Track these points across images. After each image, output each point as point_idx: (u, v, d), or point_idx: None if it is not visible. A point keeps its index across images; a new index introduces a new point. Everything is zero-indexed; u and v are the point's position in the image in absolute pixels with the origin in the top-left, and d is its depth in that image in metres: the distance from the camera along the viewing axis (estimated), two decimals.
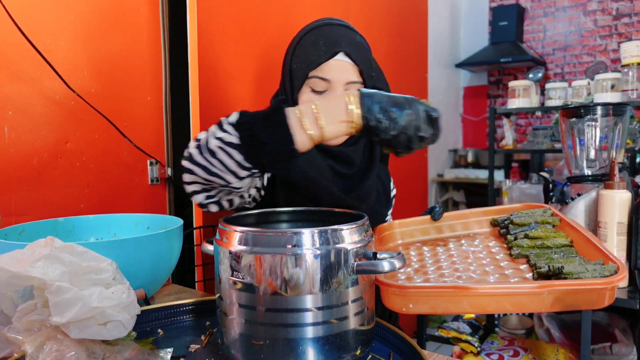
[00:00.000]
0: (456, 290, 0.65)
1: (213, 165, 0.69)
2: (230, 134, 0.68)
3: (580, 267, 0.70)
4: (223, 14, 1.52)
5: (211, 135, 0.70)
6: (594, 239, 0.78)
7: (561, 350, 1.66)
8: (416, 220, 1.02)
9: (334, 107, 0.68)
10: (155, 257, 0.88)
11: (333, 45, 0.94)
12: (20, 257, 0.62)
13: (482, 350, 1.73)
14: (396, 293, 0.68)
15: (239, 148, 0.68)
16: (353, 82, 0.96)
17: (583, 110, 1.47)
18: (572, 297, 0.64)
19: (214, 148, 0.69)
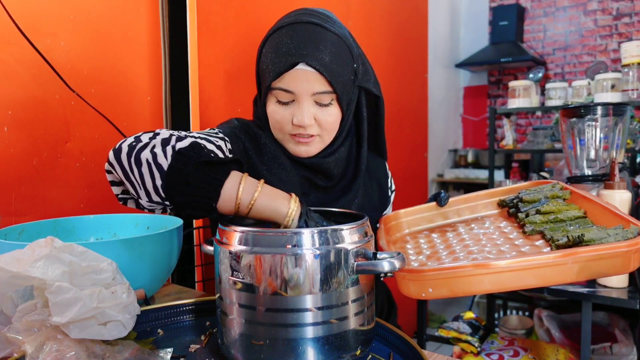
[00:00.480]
0: (476, 268, 0.62)
1: (133, 173, 0.66)
2: (165, 156, 0.64)
3: (601, 233, 0.67)
4: (223, 14, 1.52)
5: (150, 145, 0.66)
6: (610, 206, 0.75)
7: (561, 350, 1.66)
8: (422, 207, 0.99)
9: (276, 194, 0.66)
10: (155, 257, 0.88)
11: (293, 54, 0.84)
12: (20, 257, 0.62)
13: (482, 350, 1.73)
14: (413, 279, 0.65)
15: (163, 173, 0.63)
16: (320, 92, 0.86)
17: (583, 110, 1.47)
18: (597, 264, 0.61)
19: (142, 159, 0.65)
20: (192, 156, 0.64)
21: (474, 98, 4.85)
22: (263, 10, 1.67)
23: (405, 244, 0.92)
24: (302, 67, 0.84)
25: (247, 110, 1.62)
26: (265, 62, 0.89)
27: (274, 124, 0.91)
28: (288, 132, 0.90)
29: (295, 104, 0.87)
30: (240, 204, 0.64)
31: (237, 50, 1.58)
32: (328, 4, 2.03)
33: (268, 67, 0.87)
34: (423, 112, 3.03)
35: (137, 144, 0.67)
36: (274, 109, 0.89)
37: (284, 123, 0.89)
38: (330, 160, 0.94)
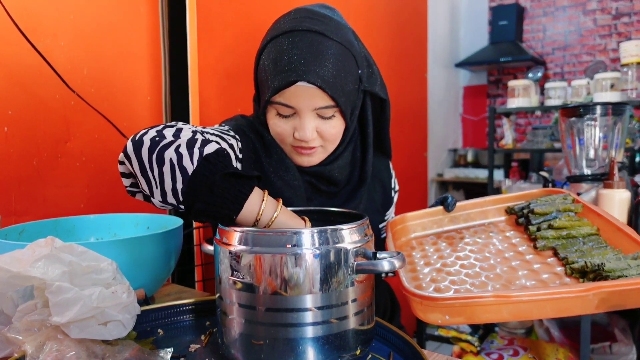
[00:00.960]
0: (496, 299, 0.61)
1: (152, 171, 0.62)
2: (192, 160, 0.61)
3: (621, 263, 0.66)
4: (223, 14, 1.52)
5: (175, 144, 0.63)
6: (623, 226, 0.74)
7: (561, 349, 1.67)
8: (429, 212, 0.96)
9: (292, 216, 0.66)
10: (155, 257, 0.88)
11: (292, 71, 0.80)
12: (21, 257, 0.62)
13: (481, 349, 1.73)
14: (430, 305, 0.63)
15: (186, 177, 0.60)
16: (322, 107, 0.83)
17: (582, 110, 1.47)
18: (618, 297, 0.60)
19: (165, 158, 0.61)
20: (218, 164, 0.62)
21: (474, 98, 4.85)
22: (263, 10, 1.67)
23: (412, 250, 0.90)
24: (302, 84, 0.81)
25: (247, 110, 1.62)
26: (264, 74, 0.85)
27: (275, 135, 0.89)
28: (290, 144, 0.88)
29: (296, 117, 0.85)
30: (260, 221, 0.63)
31: (237, 50, 1.58)
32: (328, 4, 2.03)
33: (267, 80, 0.84)
34: (423, 112, 3.03)
35: (160, 140, 0.63)
36: (275, 122, 0.87)
37: (285, 135, 0.87)
38: (334, 167, 0.92)
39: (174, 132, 0.66)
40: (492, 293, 0.62)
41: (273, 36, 0.86)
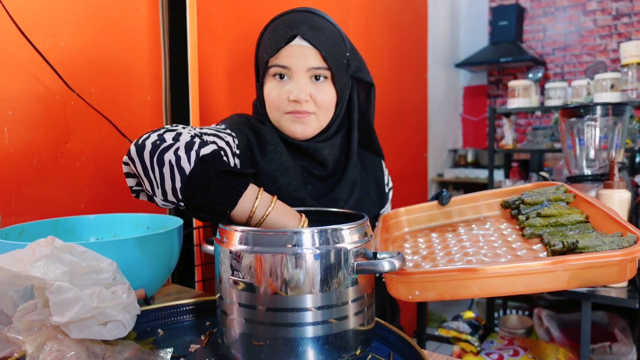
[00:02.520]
0: (464, 273, 0.61)
1: (153, 172, 0.65)
2: (189, 161, 0.64)
3: (597, 241, 0.64)
4: (223, 14, 1.52)
5: (174, 147, 0.66)
6: (611, 212, 0.73)
7: (561, 349, 1.67)
8: (424, 206, 0.97)
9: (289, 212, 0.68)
10: (155, 257, 0.88)
11: (290, 30, 0.89)
12: (21, 257, 0.62)
13: (482, 349, 1.73)
14: (400, 280, 0.64)
15: (184, 176, 0.64)
16: (316, 67, 0.90)
17: (583, 110, 1.47)
18: (589, 273, 0.59)
19: (165, 160, 0.65)
20: (214, 164, 0.65)
21: (474, 98, 4.85)
22: (263, 10, 1.67)
23: (404, 242, 0.91)
24: (298, 42, 0.89)
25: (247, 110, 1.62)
26: (263, 47, 0.93)
27: (271, 102, 0.93)
28: (284, 111, 0.92)
29: (291, 81, 0.91)
30: (253, 217, 0.66)
31: (237, 50, 1.58)
32: (328, 4, 2.03)
33: (266, 48, 0.91)
34: (423, 112, 3.03)
35: (161, 143, 0.67)
36: (271, 88, 0.92)
37: (280, 100, 0.92)
38: (325, 145, 0.96)
39: (174, 136, 0.69)
40: (459, 267, 0.62)
41: (272, 20, 0.96)
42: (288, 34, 0.89)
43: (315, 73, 0.90)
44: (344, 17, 2.14)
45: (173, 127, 0.73)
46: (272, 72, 0.92)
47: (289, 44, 0.89)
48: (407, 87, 2.79)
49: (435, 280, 0.63)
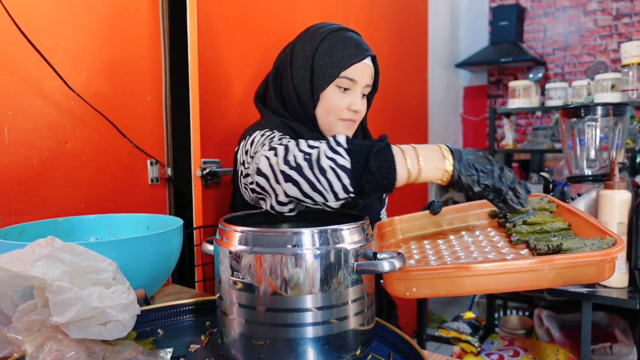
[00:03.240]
0: (458, 270, 0.65)
1: (320, 182, 0.70)
2: (343, 157, 0.70)
3: (579, 244, 0.70)
4: (223, 13, 1.52)
5: (322, 153, 0.71)
6: (591, 219, 0.79)
7: (561, 350, 1.66)
8: (416, 215, 1.03)
9: (431, 153, 0.72)
10: (155, 257, 0.88)
11: (364, 50, 1.04)
12: (21, 257, 0.62)
13: (482, 350, 1.73)
14: (399, 277, 0.68)
15: (348, 172, 0.69)
16: (369, 85, 1.07)
17: (583, 110, 1.47)
18: (572, 272, 0.64)
19: (325, 167, 0.69)
20: (359, 149, 0.70)
21: (474, 98, 4.85)
22: (263, 10, 1.67)
23: (398, 249, 0.95)
24: (366, 62, 1.05)
25: (247, 110, 1.62)
26: (329, 55, 1.04)
27: (330, 108, 1.05)
28: (340, 117, 1.06)
29: (351, 93, 1.05)
30: (412, 174, 0.71)
31: (237, 50, 1.58)
32: (328, 4, 2.03)
33: (336, 58, 1.03)
34: (423, 112, 3.03)
35: (308, 155, 0.71)
36: (334, 95, 1.04)
37: (341, 108, 1.05)
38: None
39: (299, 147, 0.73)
40: (453, 264, 0.68)
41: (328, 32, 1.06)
42: (363, 53, 1.04)
43: (368, 90, 1.08)
44: (344, 17, 2.14)
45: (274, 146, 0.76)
46: (339, 83, 1.03)
47: (361, 61, 1.03)
48: (407, 87, 2.79)
49: (431, 277, 0.67)
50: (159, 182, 1.53)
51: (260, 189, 0.74)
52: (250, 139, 0.98)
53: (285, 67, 1.09)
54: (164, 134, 1.53)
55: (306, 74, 1.05)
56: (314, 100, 1.05)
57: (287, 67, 1.08)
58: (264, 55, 1.64)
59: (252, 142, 0.97)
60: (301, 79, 1.06)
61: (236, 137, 1.58)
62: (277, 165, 0.71)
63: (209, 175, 1.42)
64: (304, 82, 1.05)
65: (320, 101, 1.06)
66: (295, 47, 1.08)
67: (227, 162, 1.52)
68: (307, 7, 1.87)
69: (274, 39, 1.67)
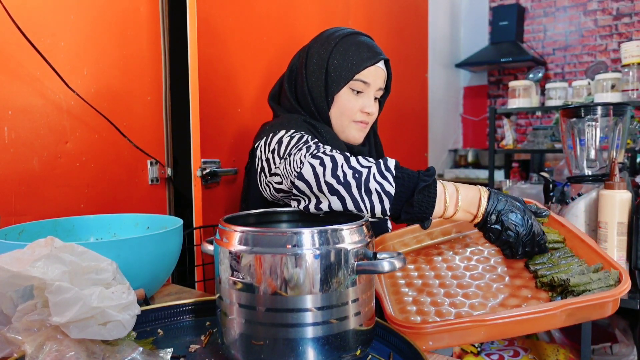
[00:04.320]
0: (474, 323, 0.67)
1: (363, 202, 0.73)
2: (391, 184, 0.73)
3: (584, 277, 0.71)
4: (223, 13, 1.52)
5: (371, 175, 0.73)
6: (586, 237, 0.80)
7: (561, 350, 1.66)
8: (407, 230, 1.03)
9: (470, 196, 0.75)
10: (155, 257, 0.88)
11: (377, 53, 1.07)
12: (20, 257, 0.62)
13: (482, 350, 1.73)
14: (414, 334, 0.70)
15: (391, 199, 0.72)
16: (381, 88, 1.09)
17: (583, 110, 1.47)
18: (584, 312, 0.66)
19: (372, 189, 0.73)
20: (405, 178, 0.73)
21: (474, 98, 4.85)
22: (263, 10, 1.66)
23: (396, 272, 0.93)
24: (380, 65, 1.07)
25: (247, 110, 1.62)
26: (343, 58, 1.05)
27: (344, 110, 1.07)
28: (353, 119, 1.08)
29: (364, 96, 1.07)
30: (446, 213, 0.75)
31: (237, 50, 1.58)
32: (328, 4, 2.03)
33: (351, 61, 1.05)
34: (423, 112, 3.03)
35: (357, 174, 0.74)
36: (347, 98, 1.07)
37: (354, 111, 1.07)
38: (365, 149, 1.16)
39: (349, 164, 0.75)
40: (469, 319, 0.68)
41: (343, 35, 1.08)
42: (377, 56, 1.06)
43: (378, 93, 1.10)
44: (344, 17, 2.14)
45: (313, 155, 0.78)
46: (353, 85, 1.06)
47: (375, 64, 1.06)
48: (408, 87, 2.79)
49: (447, 331, 0.69)
50: (159, 182, 1.53)
51: (298, 192, 0.77)
52: (277, 138, 0.98)
53: (300, 69, 1.11)
54: (164, 134, 1.53)
55: (321, 76, 1.07)
56: (328, 102, 1.07)
57: (302, 69, 1.10)
58: (264, 55, 1.64)
59: (279, 141, 0.97)
60: (315, 80, 1.08)
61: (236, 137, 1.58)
62: (322, 176, 0.74)
63: (209, 175, 1.42)
64: (319, 84, 1.07)
65: (334, 103, 1.08)
66: (310, 50, 1.10)
67: (227, 162, 1.52)
68: (307, 7, 1.87)
69: (274, 38, 1.67)
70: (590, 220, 1.33)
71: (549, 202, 1.68)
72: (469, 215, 0.75)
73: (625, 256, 1.24)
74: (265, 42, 1.65)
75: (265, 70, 1.65)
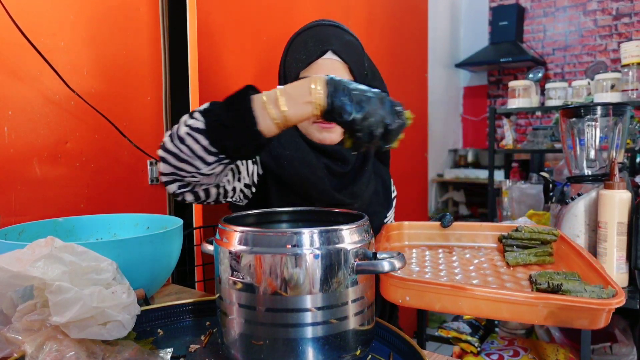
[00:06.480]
0: (453, 290, 0.66)
1: (182, 151, 0.71)
2: (197, 120, 0.70)
3: (579, 287, 0.70)
4: (223, 13, 1.52)
5: (182, 123, 0.73)
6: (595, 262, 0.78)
7: (561, 350, 1.66)
8: (425, 224, 1.03)
9: (298, 89, 0.69)
10: (155, 257, 0.88)
11: (321, 44, 0.94)
12: (21, 257, 0.62)
13: (482, 350, 1.73)
14: (395, 284, 0.69)
15: (204, 133, 0.69)
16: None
17: (583, 110, 1.47)
18: (566, 314, 0.63)
19: (182, 135, 0.71)
20: (216, 107, 0.70)
21: (474, 98, 4.85)
22: (263, 10, 1.67)
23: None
24: (328, 56, 0.94)
25: None
26: (292, 57, 0.97)
27: None
28: (313, 120, 0.97)
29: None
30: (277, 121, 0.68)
31: (237, 50, 1.58)
32: (328, 4, 2.03)
33: (297, 58, 0.95)
34: (423, 112, 3.03)
35: (171, 132, 0.75)
36: None
37: None
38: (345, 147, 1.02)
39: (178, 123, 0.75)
40: (450, 283, 0.68)
41: (298, 33, 1.00)
42: (320, 48, 0.93)
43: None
44: (344, 17, 2.14)
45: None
46: None
47: (320, 57, 0.94)
48: (407, 87, 2.79)
49: (427, 291, 0.68)
50: (159, 182, 1.52)
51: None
52: None
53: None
54: (164, 134, 1.53)
55: (281, 78, 1.03)
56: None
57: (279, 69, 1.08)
58: (264, 55, 1.64)
59: None
60: (280, 81, 1.04)
61: None
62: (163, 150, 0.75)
63: None
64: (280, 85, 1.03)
65: None
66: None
67: None
68: (307, 7, 1.87)
69: (274, 39, 1.67)
70: (590, 220, 1.33)
71: (549, 202, 1.68)
72: (309, 105, 0.67)
73: (625, 256, 1.24)
74: (266, 42, 1.65)
75: (266, 69, 1.65)
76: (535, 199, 2.17)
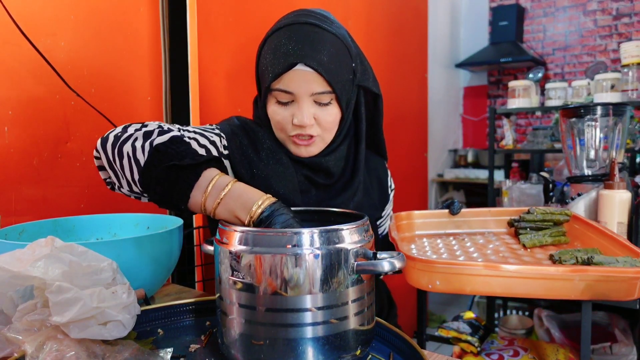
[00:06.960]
0: (486, 269, 0.63)
1: (115, 164, 0.70)
2: (143, 152, 0.66)
3: (609, 259, 0.68)
4: (223, 14, 1.52)
5: (131, 137, 0.69)
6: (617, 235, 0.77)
7: (561, 350, 1.66)
8: (434, 213, 1.02)
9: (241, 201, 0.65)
10: (155, 257, 0.88)
11: (291, 55, 0.83)
12: (21, 257, 0.62)
13: (482, 350, 1.73)
14: (422, 269, 0.65)
15: (140, 169, 0.66)
16: (319, 92, 0.85)
17: (583, 110, 1.47)
18: (603, 286, 0.62)
19: (124, 152, 0.68)
20: (168, 154, 0.67)
21: (474, 98, 4.85)
22: (263, 10, 1.67)
23: (411, 243, 0.94)
24: (300, 68, 0.83)
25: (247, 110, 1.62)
26: (264, 64, 0.89)
27: (275, 124, 0.91)
28: (289, 134, 0.90)
29: (294, 105, 0.87)
30: (205, 208, 0.66)
31: (237, 50, 1.58)
32: (328, 4, 2.03)
33: (267, 68, 0.87)
34: (423, 112, 3.03)
35: (122, 135, 0.71)
36: (274, 110, 0.89)
37: (284, 123, 0.89)
38: (330, 159, 0.94)
39: (137, 128, 0.72)
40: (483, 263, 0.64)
41: (273, 30, 0.90)
42: (289, 60, 0.83)
43: (319, 98, 0.86)
44: (344, 17, 2.14)
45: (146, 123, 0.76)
46: (275, 95, 0.87)
47: (291, 69, 0.84)
48: (407, 87, 2.79)
49: (457, 273, 0.64)
50: None
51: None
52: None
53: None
54: None
55: (257, 83, 0.95)
56: (267, 117, 0.92)
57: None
58: None
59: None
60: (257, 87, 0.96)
61: None
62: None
63: None
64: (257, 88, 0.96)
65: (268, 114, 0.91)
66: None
67: None
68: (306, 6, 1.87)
69: None
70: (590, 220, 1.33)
71: (548, 202, 1.68)
72: (236, 219, 0.65)
73: None
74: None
75: None
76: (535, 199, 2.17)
